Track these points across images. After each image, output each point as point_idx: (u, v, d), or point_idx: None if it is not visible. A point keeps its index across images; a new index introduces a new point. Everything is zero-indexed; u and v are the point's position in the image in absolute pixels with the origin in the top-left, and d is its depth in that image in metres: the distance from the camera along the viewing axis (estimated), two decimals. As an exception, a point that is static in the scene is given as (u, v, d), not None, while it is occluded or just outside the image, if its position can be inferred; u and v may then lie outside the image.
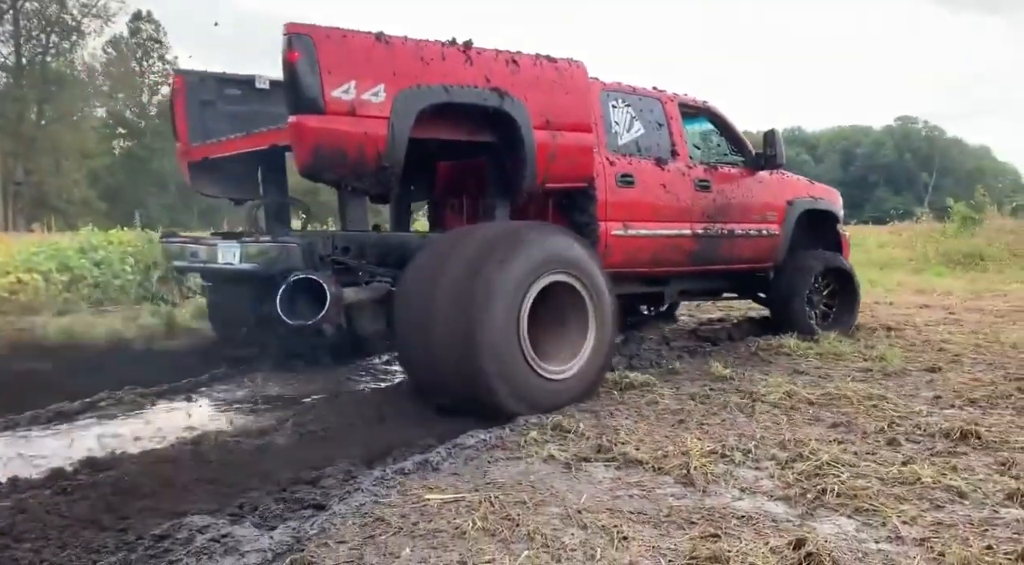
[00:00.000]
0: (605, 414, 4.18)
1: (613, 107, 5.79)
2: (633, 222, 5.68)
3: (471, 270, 4.01)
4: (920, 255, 16.06)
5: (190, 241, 5.26)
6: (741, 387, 4.79)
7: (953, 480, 3.02)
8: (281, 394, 4.96)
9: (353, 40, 4.10)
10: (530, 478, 3.15)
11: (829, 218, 7.48)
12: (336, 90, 3.97)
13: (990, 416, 4.07)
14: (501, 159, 4.90)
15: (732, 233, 6.46)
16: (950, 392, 4.65)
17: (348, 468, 3.27)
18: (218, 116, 5.33)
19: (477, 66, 4.50)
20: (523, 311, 4.10)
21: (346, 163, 4.10)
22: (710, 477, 3.15)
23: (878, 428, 3.83)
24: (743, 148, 6.80)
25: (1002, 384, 4.81)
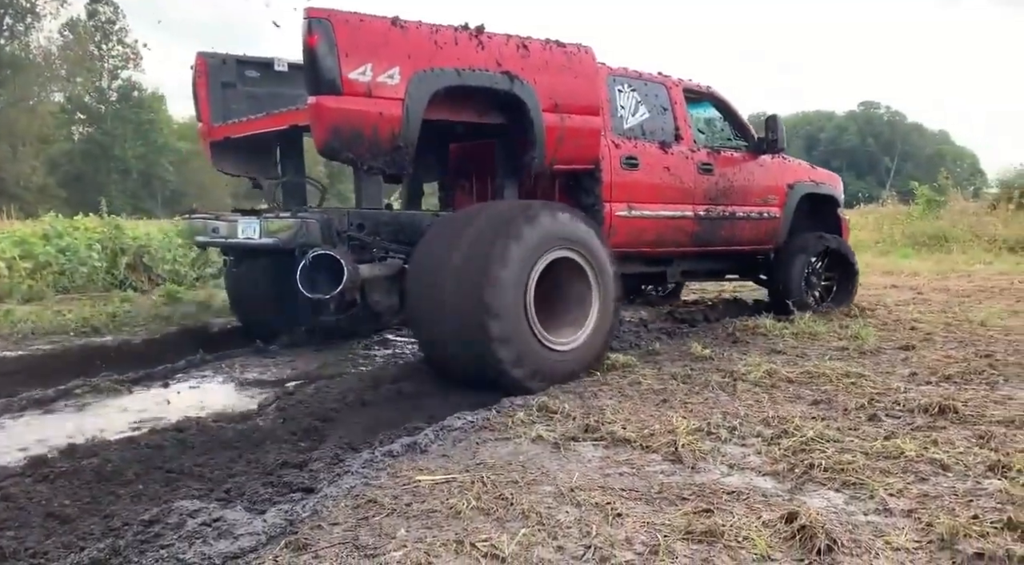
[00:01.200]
0: (589, 395, 4.19)
1: (619, 91, 5.94)
2: (637, 203, 5.84)
3: (481, 245, 4.19)
4: (887, 237, 16.33)
5: (212, 217, 5.38)
6: (721, 367, 4.83)
7: (935, 453, 3.07)
8: (261, 379, 4.90)
9: (370, 24, 4.24)
10: (520, 458, 3.15)
11: (829, 202, 7.64)
12: (353, 72, 4.12)
13: (965, 391, 4.15)
14: (511, 140, 5.04)
15: (734, 215, 6.62)
16: (925, 369, 4.74)
17: (335, 451, 3.24)
18: (238, 97, 5.50)
19: (488, 50, 4.64)
20: (530, 285, 4.27)
21: (362, 143, 4.24)
22: (698, 454, 3.17)
23: (858, 404, 3.88)
24: (746, 132, 6.96)
25: (974, 361, 4.92)
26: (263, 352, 5.61)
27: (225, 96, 5.47)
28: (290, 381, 4.76)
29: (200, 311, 7.40)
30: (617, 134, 5.81)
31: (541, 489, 2.79)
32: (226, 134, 5.39)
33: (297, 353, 5.67)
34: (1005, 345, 5.48)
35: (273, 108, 5.08)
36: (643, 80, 6.20)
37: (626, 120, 5.94)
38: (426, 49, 4.40)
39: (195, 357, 5.28)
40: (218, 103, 5.47)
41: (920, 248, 15.13)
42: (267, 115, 5.00)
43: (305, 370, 5.12)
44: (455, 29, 4.58)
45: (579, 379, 4.53)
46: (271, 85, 5.61)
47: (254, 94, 5.53)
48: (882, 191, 35.14)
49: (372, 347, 5.87)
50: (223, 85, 5.49)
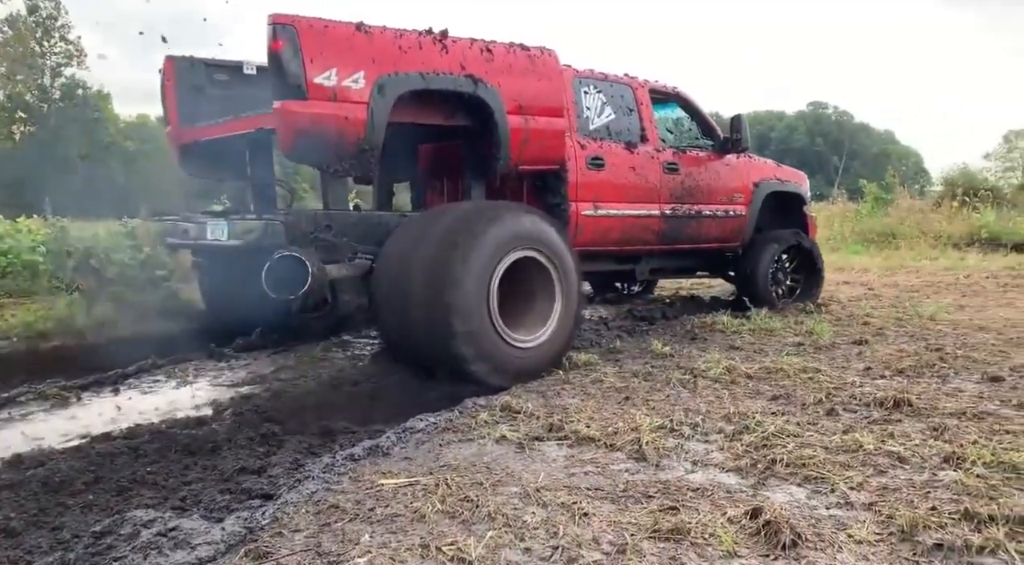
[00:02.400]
0: (552, 394, 4.18)
1: (585, 93, 6.04)
2: (603, 203, 5.93)
3: (446, 245, 4.28)
4: (837, 234, 16.69)
5: (181, 219, 5.43)
6: (681, 363, 4.87)
7: (892, 446, 3.13)
8: (216, 383, 4.78)
9: (334, 30, 4.31)
10: (484, 459, 3.12)
11: (795, 200, 7.79)
12: (318, 77, 4.20)
13: (918, 385, 4.25)
14: (477, 142, 5.10)
15: (700, 214, 6.74)
16: (879, 363, 4.84)
17: (295, 456, 3.17)
18: (207, 100, 5.48)
19: (452, 54, 4.73)
20: (492, 283, 4.36)
21: (328, 146, 4.31)
22: (662, 451, 3.17)
23: (816, 399, 3.94)
24: (712, 132, 7.08)
25: (925, 354, 5.03)
26: (218, 356, 5.48)
27: (193, 99, 5.47)
28: (246, 385, 4.66)
29: (151, 314, 7.20)
30: (583, 135, 5.89)
31: (506, 490, 2.76)
32: (194, 137, 5.39)
33: (253, 356, 5.54)
34: (953, 339, 5.62)
35: (242, 111, 5.06)
36: (609, 82, 6.28)
37: (592, 121, 6.03)
38: (390, 54, 4.47)
39: (147, 362, 5.12)
40: (186, 106, 5.46)
41: (869, 245, 15.50)
42: (234, 119, 5.00)
43: (262, 373, 5.01)
44: (419, 34, 4.66)
45: (541, 378, 4.53)
46: (240, 88, 5.59)
47: (223, 97, 5.50)
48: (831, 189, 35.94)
49: (331, 349, 5.77)
50: (191, 88, 5.49)
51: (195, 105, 5.46)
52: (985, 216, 15.86)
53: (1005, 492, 2.62)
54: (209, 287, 6.23)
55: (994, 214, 16.25)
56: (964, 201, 17.39)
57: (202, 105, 5.46)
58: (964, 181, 19.57)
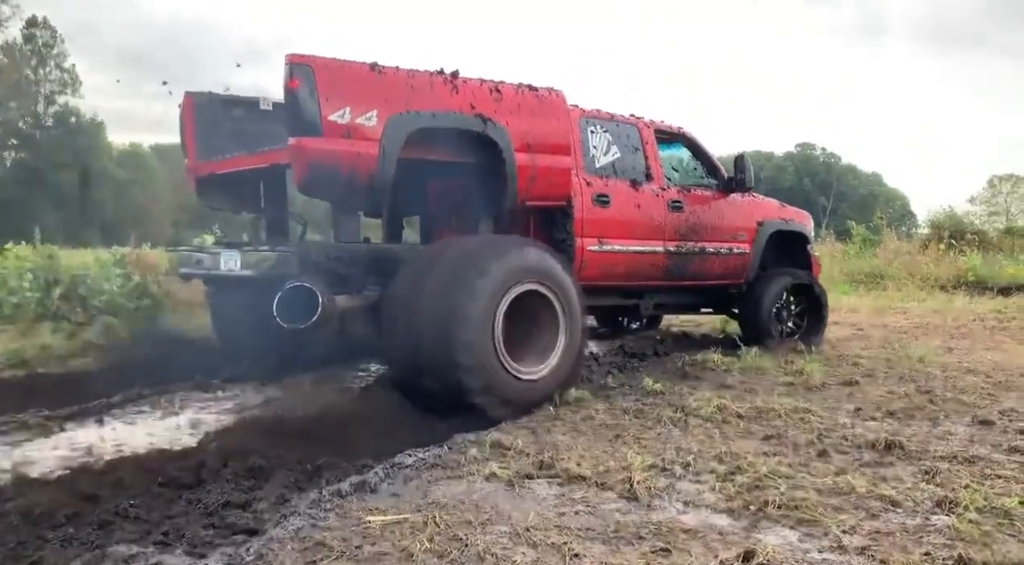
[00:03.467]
0: (542, 430, 4.15)
1: (592, 132, 6.22)
2: (608, 239, 6.08)
3: (452, 278, 4.42)
4: (826, 274, 16.73)
5: (195, 250, 5.66)
6: (673, 401, 4.85)
7: (885, 490, 3.11)
8: (202, 415, 4.73)
9: (349, 69, 4.51)
10: (473, 497, 3.08)
11: (799, 239, 7.88)
12: (333, 114, 4.35)
13: (909, 427, 4.24)
14: (485, 178, 5.23)
15: (703, 251, 6.86)
16: (870, 404, 4.83)
17: (281, 491, 3.12)
18: (223, 134, 5.65)
19: (463, 94, 4.91)
20: (498, 316, 4.47)
21: (340, 181, 4.46)
22: (653, 491, 3.15)
23: (808, 440, 3.93)
24: (716, 171, 7.25)
25: (915, 396, 5.04)
26: (204, 386, 5.42)
27: (211, 133, 5.63)
28: (233, 417, 4.60)
29: (138, 344, 7.14)
30: (589, 173, 6.06)
31: (496, 529, 2.73)
32: (211, 170, 5.56)
33: (241, 388, 5.49)
34: (943, 381, 5.63)
35: (257, 146, 5.20)
36: (615, 121, 6.47)
37: (598, 159, 6.19)
38: (403, 93, 4.64)
39: (132, 392, 5.06)
40: (204, 140, 5.62)
41: (857, 285, 15.57)
42: (250, 153, 5.16)
43: (249, 405, 4.96)
44: (431, 74, 4.84)
45: (532, 414, 4.50)
46: (256, 123, 5.75)
47: (239, 131, 5.66)
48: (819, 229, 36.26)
49: (320, 381, 5.72)
50: (209, 123, 5.66)
51: (212, 139, 5.61)
52: (972, 260, 16.00)
53: (998, 538, 2.61)
54: (221, 317, 6.28)
55: (980, 258, 16.41)
56: (951, 244, 17.56)
57: (219, 139, 5.61)
58: (951, 224, 19.80)
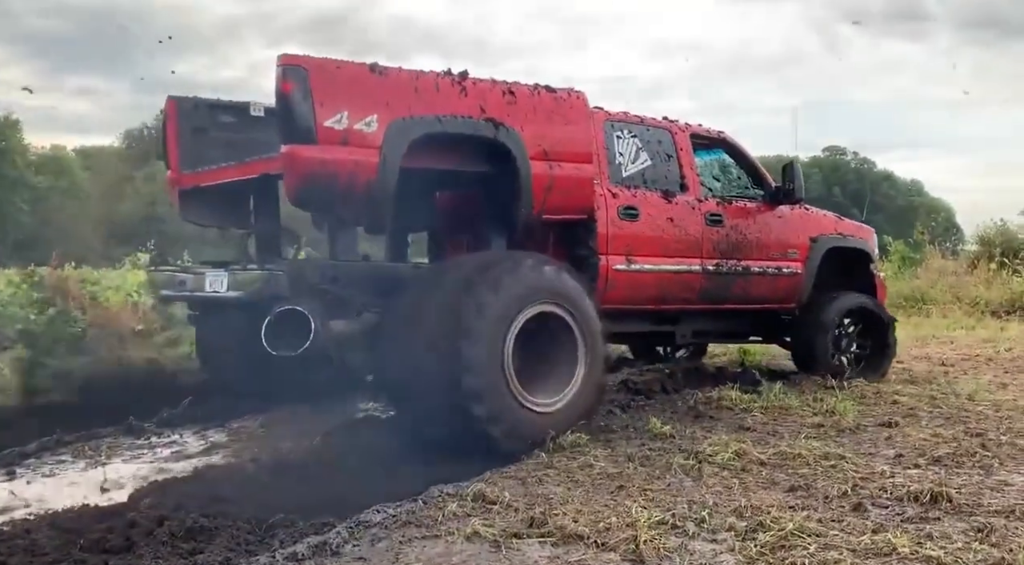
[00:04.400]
0: (533, 481, 4.14)
1: (618, 138, 6.33)
2: (637, 256, 6.17)
3: (459, 296, 4.56)
4: (859, 298, 16.90)
5: (179, 270, 5.84)
6: (684, 446, 4.85)
7: (931, 550, 3.11)
8: (134, 465, 4.70)
9: (347, 71, 4.63)
10: (452, 560, 3.07)
11: (860, 257, 7.96)
12: (329, 120, 4.44)
13: (957, 476, 4.26)
14: (497, 189, 5.34)
15: (747, 270, 6.94)
16: (911, 450, 4.86)
17: (226, 555, 3.10)
18: (211, 143, 5.77)
19: (472, 96, 5.01)
20: (508, 342, 4.63)
21: (337, 192, 4.58)
22: (662, 552, 3.14)
23: (841, 491, 3.93)
24: (763, 181, 7.32)
25: (964, 440, 5.06)
26: (137, 431, 5.38)
27: (196, 142, 5.73)
28: (170, 466, 4.57)
29: (59, 381, 7.07)
30: (614, 182, 6.16)
31: (479, 599, 2.70)
32: (196, 182, 5.64)
33: (179, 432, 5.46)
34: (996, 422, 5.67)
35: (248, 155, 5.29)
36: (645, 125, 6.59)
37: (625, 168, 6.30)
38: (406, 95, 4.75)
39: (50, 438, 5.01)
40: (188, 149, 5.71)
41: (896, 310, 15.68)
42: (240, 163, 5.27)
43: (189, 453, 4.93)
44: (437, 74, 4.95)
45: (520, 461, 4.49)
46: (247, 131, 5.84)
47: (228, 140, 5.79)
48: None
49: (272, 424, 5.69)
50: (194, 130, 5.76)
51: (197, 148, 5.70)
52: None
53: (1062, 606, 2.61)
54: (207, 344, 6.35)
55: (1038, 277, 16.60)
56: (1003, 263, 17.73)
57: (205, 148, 5.70)
58: (1002, 241, 19.97)
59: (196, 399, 6.00)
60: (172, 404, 5.94)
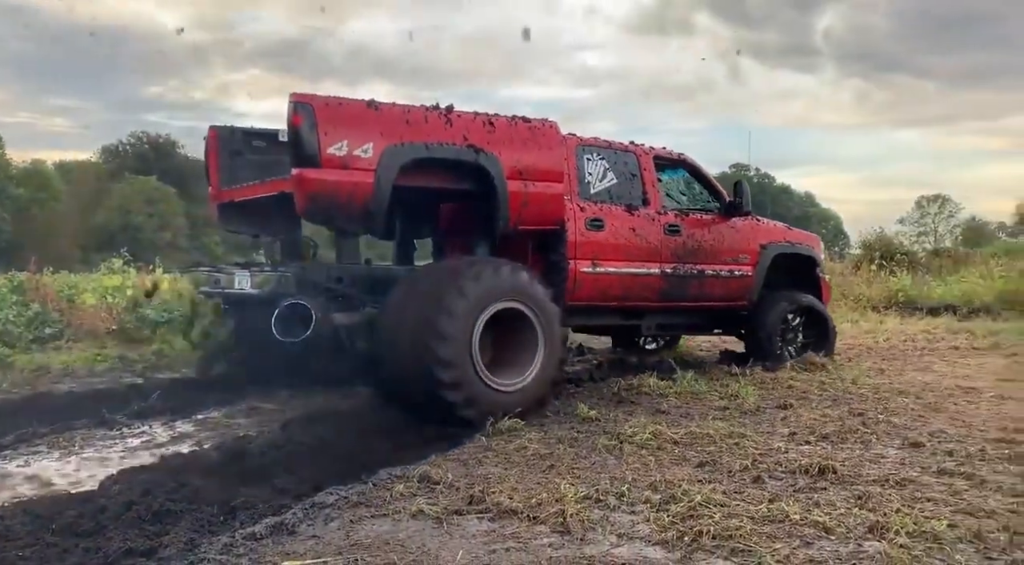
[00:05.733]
0: (473, 462, 4.12)
1: (588, 160, 6.66)
2: (602, 261, 6.48)
3: (432, 299, 4.93)
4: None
5: (214, 270, 6.27)
6: (608, 429, 4.88)
7: (818, 516, 3.18)
8: (105, 454, 4.52)
9: (347, 107, 5.00)
10: (399, 536, 3.02)
11: (807, 262, 8.23)
12: (331, 148, 4.83)
13: (841, 451, 4.36)
14: (480, 204, 5.68)
15: (702, 273, 7.22)
16: (803, 428, 4.95)
17: (190, 536, 3.00)
18: (245, 164, 6.19)
19: (456, 127, 5.38)
20: (475, 334, 4.95)
21: (338, 208, 4.96)
22: (587, 524, 3.15)
23: (742, 466, 4.00)
24: (718, 196, 7.63)
25: (848, 419, 5.19)
26: (109, 424, 5.19)
27: (233, 163, 6.19)
28: (139, 455, 4.42)
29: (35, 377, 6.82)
30: (583, 198, 6.47)
31: (422, 570, 2.67)
32: (231, 197, 6.11)
33: (149, 424, 5.28)
34: (874, 404, 5.82)
35: (276, 174, 5.57)
36: (613, 149, 6.90)
37: (593, 185, 6.61)
38: (398, 127, 5.11)
39: (26, 431, 4.81)
40: (226, 170, 6.19)
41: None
42: (262, 182, 5.67)
43: (157, 442, 4.78)
44: (426, 109, 5.32)
45: (462, 445, 4.47)
46: (276, 153, 6.12)
47: (260, 162, 6.12)
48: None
49: (235, 416, 5.55)
50: (232, 153, 6.23)
51: (234, 169, 6.15)
52: (902, 280, 16.72)
53: (927, 563, 2.69)
54: (240, 332, 6.51)
55: (910, 278, 17.15)
56: (881, 265, 18.30)
57: (241, 169, 6.13)
58: (881, 245, 20.64)
59: (164, 393, 5.82)
60: (143, 398, 5.76)
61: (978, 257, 21.79)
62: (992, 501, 3.40)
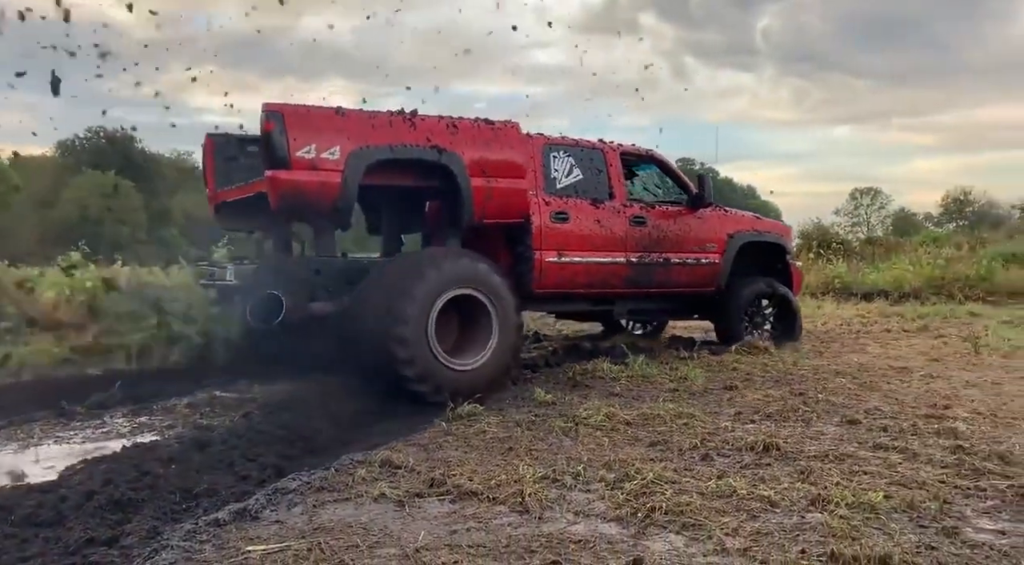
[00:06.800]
0: (433, 447, 4.09)
1: (554, 157, 6.87)
2: (567, 251, 6.66)
3: (395, 283, 5.23)
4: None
5: (211, 264, 6.76)
6: (564, 411, 4.89)
7: (763, 490, 3.22)
8: (64, 445, 4.39)
9: (315, 113, 5.28)
10: (361, 519, 2.98)
11: (777, 250, 8.39)
12: (300, 151, 5.10)
13: (784, 429, 4.44)
14: (445, 200, 6.00)
15: (668, 261, 7.37)
16: (748, 408, 5.03)
17: (152, 523, 2.92)
18: (240, 168, 6.43)
19: (420, 130, 5.62)
20: (431, 314, 5.22)
21: (308, 204, 5.26)
22: (544, 503, 3.14)
23: (692, 445, 4.04)
24: (686, 188, 7.76)
25: (789, 399, 5.28)
26: (69, 414, 5.04)
27: (228, 168, 6.49)
28: (100, 445, 4.29)
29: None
30: (549, 193, 6.67)
31: (384, 552, 2.64)
32: (223, 198, 6.41)
33: (109, 414, 5.14)
34: (814, 384, 5.94)
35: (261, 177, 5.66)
36: (580, 147, 7.10)
37: (559, 181, 6.80)
38: (363, 130, 5.36)
39: (-16, 423, 4.64)
40: (222, 173, 6.50)
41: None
42: (244, 184, 5.93)
43: (118, 433, 4.65)
44: (391, 113, 5.57)
45: (422, 431, 4.44)
46: None
47: (252, 165, 6.14)
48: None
49: (197, 405, 5.42)
50: (227, 158, 6.53)
51: (228, 173, 6.44)
52: (838, 268, 17.11)
53: (866, 532, 2.75)
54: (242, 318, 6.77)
55: (845, 266, 17.55)
56: (819, 253, 18.70)
57: (235, 172, 6.39)
58: (818, 235, 21.07)
59: (125, 384, 5.67)
60: (103, 389, 5.60)
61: (908, 245, 22.44)
62: (923, 473, 3.49)
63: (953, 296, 14.33)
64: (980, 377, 6.16)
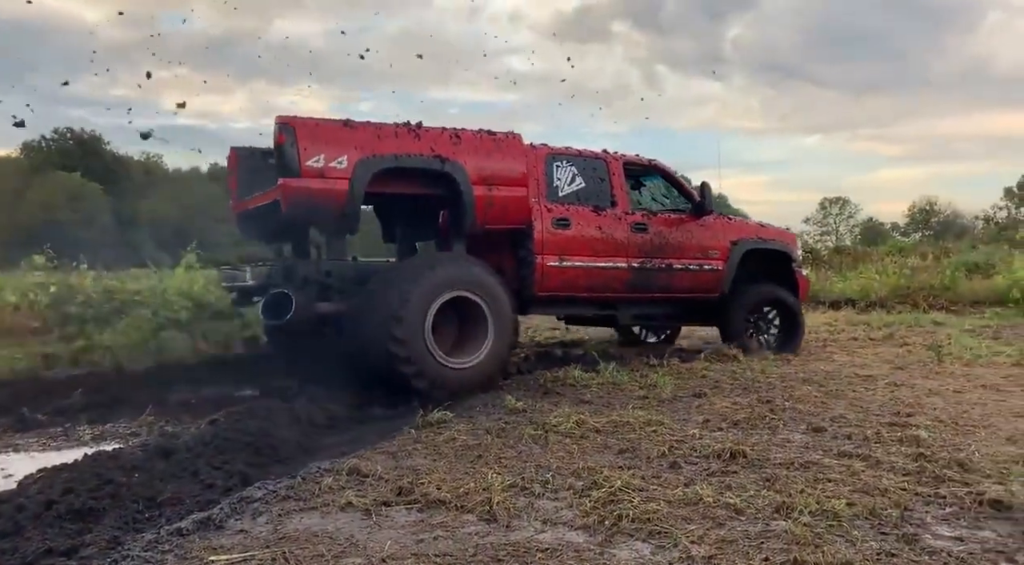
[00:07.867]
0: (403, 455, 4.07)
1: (557, 167, 7.11)
2: (568, 256, 6.92)
3: (396, 286, 5.60)
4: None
5: (232, 267, 7.16)
6: (534, 419, 4.89)
7: (729, 498, 3.25)
8: (23, 453, 4.30)
9: (325, 126, 5.62)
10: (328, 529, 2.95)
11: (782, 257, 8.50)
12: (309, 160, 5.43)
13: (751, 436, 4.48)
14: (449, 207, 6.36)
15: (670, 267, 7.57)
16: (716, 415, 5.07)
17: (113, 533, 2.88)
18: (262, 180, 6.52)
19: (424, 140, 5.95)
20: (428, 317, 5.59)
21: (317, 211, 5.60)
22: (512, 511, 3.14)
23: (660, 452, 4.06)
24: (689, 197, 7.94)
25: (757, 407, 5.33)
26: (29, 422, 4.94)
27: (251, 179, 6.74)
28: (60, 454, 4.21)
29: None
30: (551, 200, 6.93)
31: (349, 561, 2.62)
32: (244, 207, 6.72)
33: (71, 421, 5.04)
34: (781, 391, 6.00)
35: None
36: (583, 157, 7.33)
37: (561, 189, 7.05)
38: (370, 141, 5.69)
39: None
40: (245, 185, 6.79)
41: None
42: (260, 193, 6.18)
43: (80, 441, 4.56)
44: (396, 125, 5.90)
45: (391, 438, 4.41)
46: None
47: (274, 177, 6.33)
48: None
49: (162, 412, 5.34)
50: (249, 170, 6.84)
51: (251, 183, 6.66)
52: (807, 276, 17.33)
53: (828, 540, 2.78)
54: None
55: (814, 274, 17.79)
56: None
57: (258, 183, 6.54)
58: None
59: (87, 390, 5.57)
60: (64, 395, 5.50)
61: (875, 254, 22.81)
62: (885, 480, 3.54)
63: (918, 305, 14.59)
64: (942, 385, 6.27)
